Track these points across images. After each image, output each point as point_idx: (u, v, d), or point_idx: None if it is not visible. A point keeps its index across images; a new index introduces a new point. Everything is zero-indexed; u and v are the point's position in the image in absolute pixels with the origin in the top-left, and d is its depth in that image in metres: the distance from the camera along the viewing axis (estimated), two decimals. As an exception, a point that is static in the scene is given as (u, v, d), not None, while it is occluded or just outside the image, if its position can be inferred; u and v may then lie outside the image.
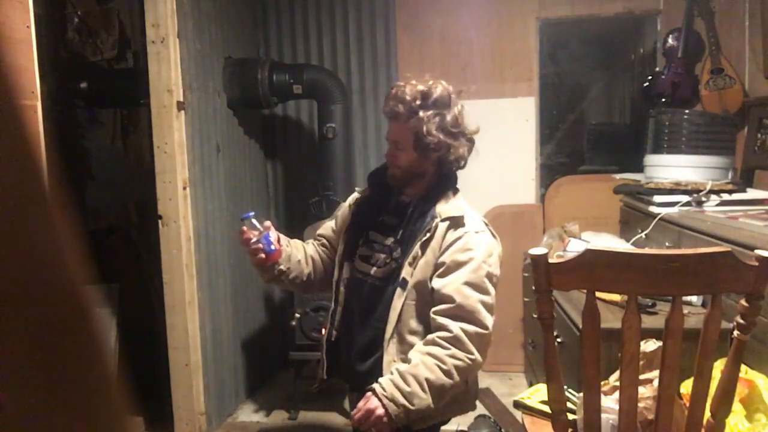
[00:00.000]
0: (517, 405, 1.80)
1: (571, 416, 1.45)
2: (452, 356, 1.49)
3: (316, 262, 1.85)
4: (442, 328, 1.52)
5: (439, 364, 1.49)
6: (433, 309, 1.56)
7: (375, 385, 1.51)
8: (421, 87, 1.62)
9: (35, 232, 0.30)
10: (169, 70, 2.48)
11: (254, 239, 1.66)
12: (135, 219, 3.20)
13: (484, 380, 3.25)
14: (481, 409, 2.88)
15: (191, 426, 2.63)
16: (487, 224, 1.66)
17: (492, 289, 1.58)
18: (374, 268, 1.68)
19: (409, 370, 1.49)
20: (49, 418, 0.30)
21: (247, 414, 2.99)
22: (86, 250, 0.32)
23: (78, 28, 3.19)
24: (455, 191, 1.71)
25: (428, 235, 1.60)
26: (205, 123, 2.75)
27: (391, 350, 1.60)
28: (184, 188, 2.55)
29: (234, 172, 3.05)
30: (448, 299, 1.53)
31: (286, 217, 3.54)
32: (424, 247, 1.60)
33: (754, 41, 2.74)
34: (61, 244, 0.31)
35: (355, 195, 1.86)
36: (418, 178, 1.69)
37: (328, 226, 1.90)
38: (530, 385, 2.83)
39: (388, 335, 1.60)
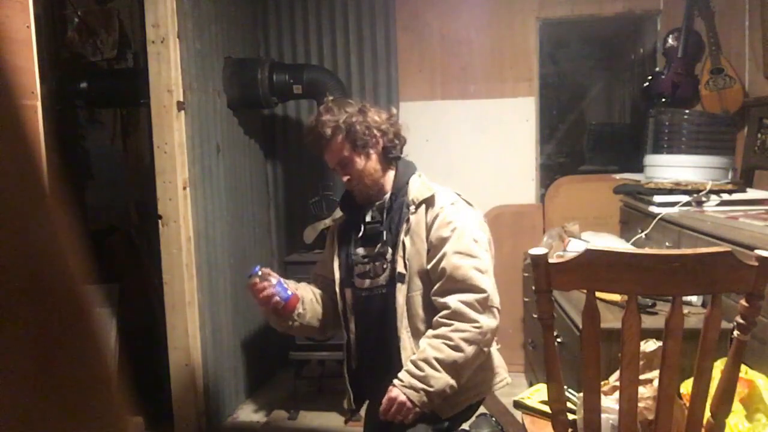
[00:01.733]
0: (517, 405, 1.80)
1: (571, 416, 1.45)
2: (456, 330, 1.53)
3: (326, 299, 1.83)
4: (442, 306, 1.56)
5: (445, 341, 1.52)
6: (432, 292, 1.60)
7: (394, 380, 1.56)
8: (330, 106, 1.70)
9: (35, 232, 0.30)
10: (169, 70, 2.48)
11: (268, 289, 1.65)
12: (135, 219, 3.20)
13: (484, 380, 3.25)
14: (481, 408, 2.88)
15: (191, 426, 2.63)
16: (459, 195, 1.71)
17: (482, 252, 1.60)
18: (370, 280, 1.71)
19: (419, 356, 1.54)
20: (49, 419, 0.30)
21: (247, 414, 2.99)
22: (86, 250, 0.32)
23: (78, 28, 3.19)
24: (415, 171, 1.75)
25: (408, 223, 1.64)
26: (205, 123, 2.75)
27: (407, 345, 1.62)
28: (184, 188, 2.56)
29: (234, 172, 3.05)
30: (440, 274, 1.57)
31: (286, 217, 3.54)
32: (407, 233, 1.64)
33: (754, 41, 2.74)
34: (61, 244, 0.31)
35: (329, 224, 1.89)
36: (383, 180, 1.73)
37: (320, 263, 1.92)
38: (530, 385, 2.83)
39: (399, 331, 1.62)
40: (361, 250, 1.74)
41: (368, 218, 1.74)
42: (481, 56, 3.35)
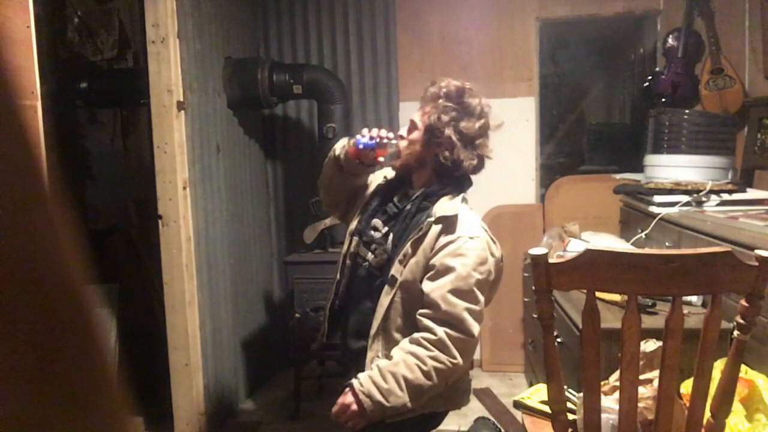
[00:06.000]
0: (517, 405, 1.80)
1: (571, 416, 1.45)
2: (434, 358, 1.48)
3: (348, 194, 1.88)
4: (428, 330, 1.51)
5: (420, 364, 1.48)
6: (419, 311, 1.54)
7: (354, 380, 1.52)
8: (462, 85, 1.65)
9: (35, 232, 0.30)
10: (169, 70, 2.48)
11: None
12: (135, 219, 3.20)
13: (484, 380, 3.25)
14: (481, 410, 2.88)
15: (191, 426, 2.63)
16: (486, 230, 1.63)
17: (481, 297, 1.55)
18: (371, 255, 1.69)
19: (389, 367, 1.49)
20: (49, 419, 0.30)
21: (247, 414, 2.99)
22: (86, 250, 0.32)
23: (78, 28, 3.19)
24: (457, 194, 1.67)
25: (420, 234, 1.59)
26: (205, 123, 2.75)
27: (375, 346, 1.60)
28: (184, 188, 2.56)
29: (234, 172, 3.05)
30: (434, 305, 1.51)
31: (286, 217, 3.54)
32: (416, 245, 1.58)
33: (754, 41, 2.75)
34: (61, 244, 0.31)
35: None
36: (417, 168, 1.69)
37: (369, 183, 1.89)
38: (530, 385, 2.83)
39: (373, 331, 1.59)
40: (376, 221, 1.72)
41: (396, 198, 1.73)
42: (481, 56, 3.36)
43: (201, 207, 2.69)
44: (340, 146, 1.76)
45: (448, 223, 1.58)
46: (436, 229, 1.58)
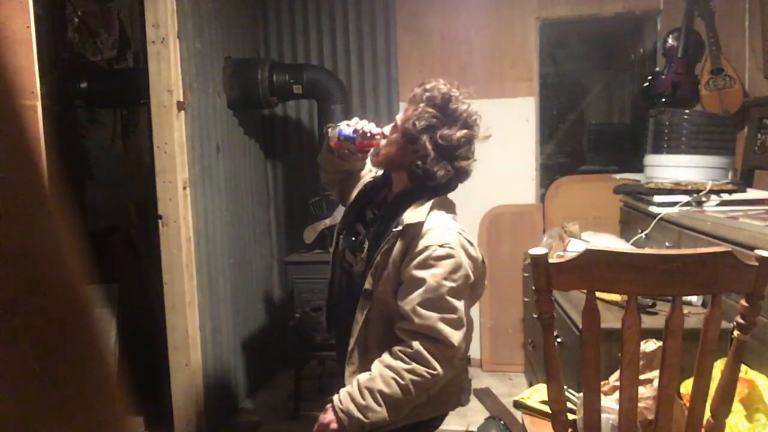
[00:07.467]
0: (517, 405, 1.80)
1: (571, 416, 1.45)
2: (411, 372, 1.45)
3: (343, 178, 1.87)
4: (404, 343, 1.49)
5: (397, 378, 1.45)
6: (396, 325, 1.51)
7: (334, 397, 1.52)
8: (448, 90, 1.56)
9: (35, 232, 0.30)
10: (169, 70, 2.48)
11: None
12: (135, 219, 3.20)
13: (484, 380, 3.25)
14: (481, 410, 2.88)
15: (191, 426, 2.63)
16: (461, 233, 1.53)
17: (458, 304, 1.48)
18: (354, 259, 1.67)
19: (366, 382, 1.48)
20: (49, 419, 0.30)
21: (247, 414, 2.99)
22: (86, 250, 0.32)
23: (78, 28, 3.19)
24: (428, 199, 1.56)
25: (388, 244, 1.52)
26: (205, 123, 2.75)
27: (354, 360, 1.57)
28: (184, 188, 2.56)
29: (234, 172, 3.05)
30: (407, 318, 1.48)
31: (286, 217, 3.54)
32: (386, 257, 1.53)
33: (754, 41, 2.75)
34: (61, 244, 0.31)
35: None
36: (394, 170, 1.63)
37: (362, 176, 1.86)
38: (530, 385, 2.83)
39: (350, 347, 1.57)
40: (358, 226, 1.68)
41: (376, 202, 1.69)
42: (481, 56, 3.36)
43: (201, 207, 2.69)
44: (332, 128, 1.74)
45: (415, 232, 1.49)
46: (403, 240, 1.51)
